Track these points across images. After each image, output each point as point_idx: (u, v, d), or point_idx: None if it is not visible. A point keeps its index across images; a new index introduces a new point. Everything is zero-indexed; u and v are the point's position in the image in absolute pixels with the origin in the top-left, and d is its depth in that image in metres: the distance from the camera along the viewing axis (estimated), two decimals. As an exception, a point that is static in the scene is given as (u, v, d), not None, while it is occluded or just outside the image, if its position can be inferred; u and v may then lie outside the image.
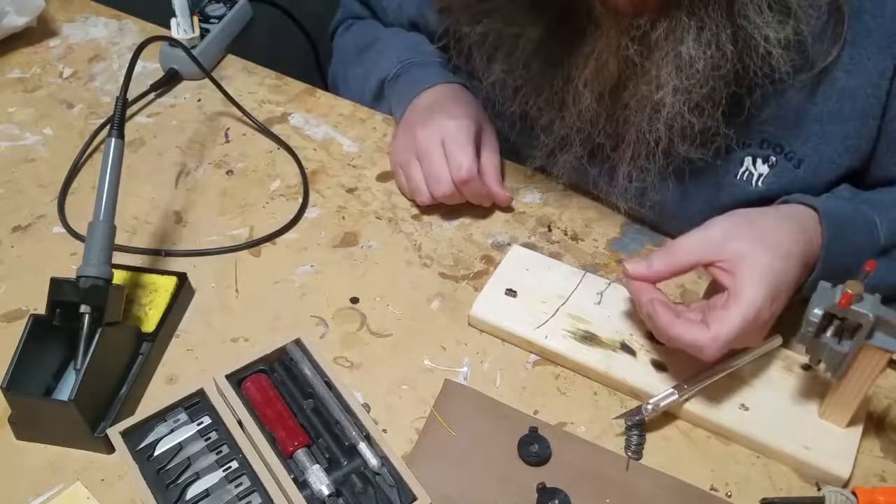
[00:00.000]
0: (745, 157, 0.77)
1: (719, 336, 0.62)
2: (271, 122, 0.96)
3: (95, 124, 0.94)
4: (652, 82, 0.70)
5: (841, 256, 0.68)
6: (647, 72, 0.70)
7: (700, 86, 0.69)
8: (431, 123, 0.82)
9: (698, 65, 0.68)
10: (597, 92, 0.74)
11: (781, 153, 0.75)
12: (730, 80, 0.69)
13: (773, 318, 0.65)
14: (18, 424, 0.67)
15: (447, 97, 0.86)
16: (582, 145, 0.79)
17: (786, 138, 0.75)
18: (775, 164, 0.76)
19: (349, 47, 1.03)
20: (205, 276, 0.79)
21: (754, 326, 0.63)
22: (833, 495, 0.60)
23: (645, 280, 0.67)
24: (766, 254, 0.64)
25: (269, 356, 0.69)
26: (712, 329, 0.62)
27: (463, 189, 0.81)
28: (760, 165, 0.76)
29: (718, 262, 0.65)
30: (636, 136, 0.74)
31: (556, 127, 0.79)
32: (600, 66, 0.72)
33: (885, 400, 0.70)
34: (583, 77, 0.73)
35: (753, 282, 0.63)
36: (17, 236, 0.83)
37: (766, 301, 0.63)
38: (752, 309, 0.62)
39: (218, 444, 0.64)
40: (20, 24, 1.04)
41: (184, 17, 0.98)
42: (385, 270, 0.80)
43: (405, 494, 0.61)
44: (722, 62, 0.68)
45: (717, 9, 0.66)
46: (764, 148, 0.76)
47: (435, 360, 0.73)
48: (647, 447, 0.67)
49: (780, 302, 0.65)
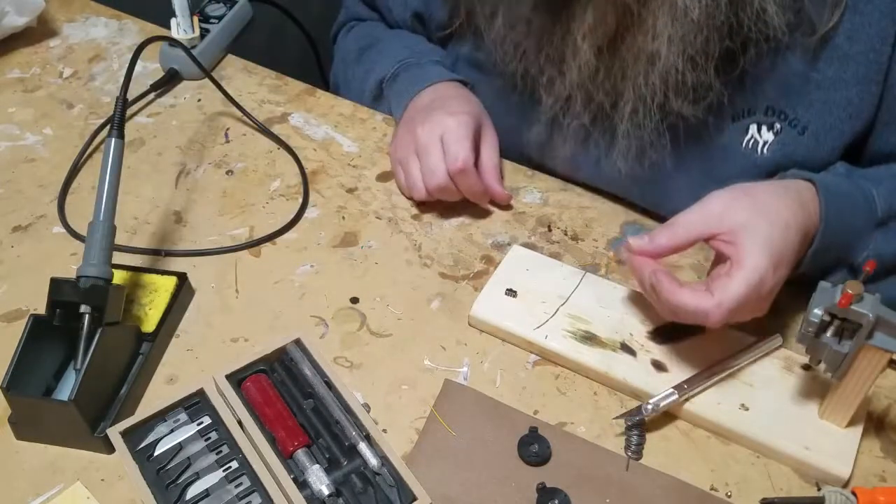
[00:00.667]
0: (749, 124, 0.77)
1: (724, 301, 0.62)
2: (271, 122, 0.96)
3: (95, 124, 0.94)
4: (648, 32, 0.71)
5: (839, 229, 0.69)
6: (644, 21, 0.71)
7: (694, 36, 0.69)
8: (431, 120, 0.82)
9: (693, 14, 0.68)
10: (595, 45, 0.74)
11: (786, 120, 0.76)
12: (724, 33, 0.70)
13: (775, 289, 0.65)
14: (18, 424, 0.67)
15: (447, 95, 0.87)
16: (583, 105, 0.79)
17: (790, 105, 0.75)
18: (780, 131, 0.76)
19: (350, 49, 1.03)
20: (205, 276, 0.79)
21: (757, 294, 0.63)
22: (833, 495, 0.60)
23: (647, 255, 0.68)
24: (766, 223, 0.65)
25: (269, 356, 0.69)
26: (716, 295, 0.62)
27: (458, 181, 0.81)
28: (766, 133, 0.77)
29: (719, 234, 0.65)
30: (633, 91, 0.75)
31: (556, 86, 0.79)
32: (599, 17, 0.73)
33: (885, 400, 0.70)
34: (581, 29, 0.74)
35: (755, 249, 0.63)
36: (17, 236, 0.83)
37: (768, 268, 0.63)
38: (756, 274, 0.63)
39: (218, 444, 0.64)
40: (20, 24, 1.04)
41: (184, 17, 0.98)
42: (385, 270, 0.80)
43: (405, 494, 0.61)
44: (716, 12, 0.68)
45: None
46: (769, 115, 0.76)
47: (435, 360, 0.73)
48: (647, 447, 0.67)
49: (781, 271, 0.65)
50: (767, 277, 0.63)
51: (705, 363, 0.69)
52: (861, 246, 0.71)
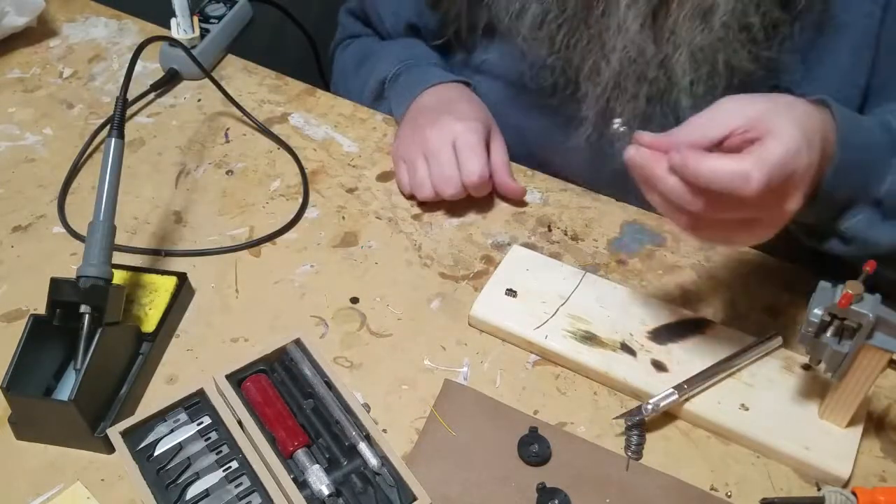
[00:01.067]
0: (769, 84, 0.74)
1: (765, 158, 0.54)
2: (271, 122, 0.96)
3: (95, 124, 0.94)
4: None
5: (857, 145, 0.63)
6: None
7: None
8: (441, 125, 0.82)
9: None
10: (640, 16, 0.70)
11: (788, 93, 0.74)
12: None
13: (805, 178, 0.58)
14: (18, 424, 0.67)
15: (452, 97, 0.87)
16: (636, 85, 0.74)
17: (794, 82, 0.74)
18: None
19: (347, 62, 1.04)
20: (205, 276, 0.79)
21: (796, 163, 0.56)
22: (833, 495, 0.60)
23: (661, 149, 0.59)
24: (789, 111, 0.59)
25: (269, 356, 0.69)
26: (754, 153, 0.55)
27: (472, 191, 0.83)
28: None
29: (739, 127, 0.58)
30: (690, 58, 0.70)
31: (602, 72, 0.75)
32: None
33: (885, 400, 0.70)
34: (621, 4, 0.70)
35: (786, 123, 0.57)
36: (17, 236, 0.83)
37: (802, 140, 0.56)
38: (793, 141, 0.56)
39: (218, 444, 0.64)
40: (20, 24, 1.04)
41: (184, 17, 0.98)
42: (385, 270, 0.80)
43: (405, 494, 0.61)
44: None
45: None
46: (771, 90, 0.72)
47: (435, 360, 0.73)
48: (647, 447, 0.67)
49: (813, 154, 0.58)
50: (803, 148, 0.56)
51: (705, 363, 0.69)
52: (884, 171, 0.65)
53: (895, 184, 0.65)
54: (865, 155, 0.64)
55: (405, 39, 0.97)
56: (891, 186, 0.65)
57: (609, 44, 0.73)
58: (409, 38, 0.99)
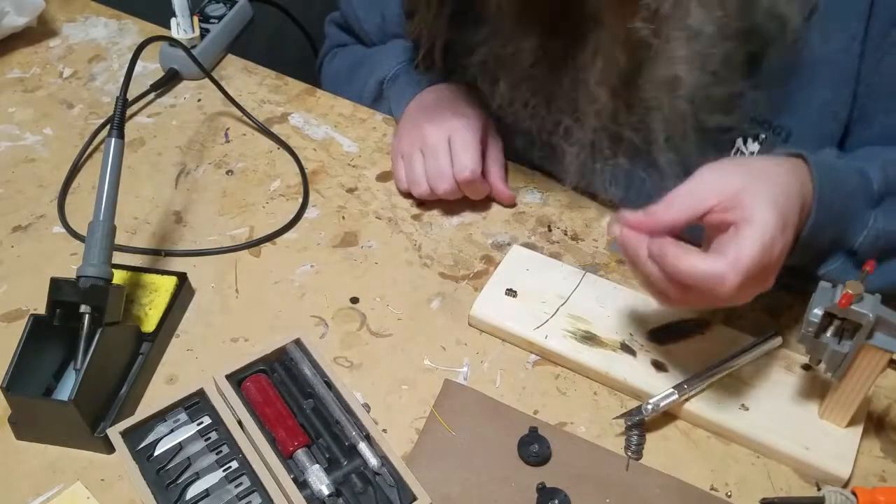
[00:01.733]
0: (736, 137, 0.76)
1: (739, 260, 0.56)
2: (271, 122, 0.96)
3: (95, 124, 0.94)
4: (666, 59, 0.69)
5: (835, 199, 0.65)
6: (660, 50, 0.69)
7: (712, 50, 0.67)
8: (439, 120, 0.82)
9: (707, 30, 0.66)
10: (610, 87, 0.73)
11: (770, 129, 0.75)
12: (742, 38, 0.67)
13: (782, 256, 0.60)
14: (18, 424, 0.67)
15: (452, 95, 0.87)
16: (611, 147, 0.77)
17: (774, 114, 0.74)
18: (765, 140, 0.75)
19: (339, 69, 1.04)
20: (205, 276, 0.79)
21: (770, 255, 0.58)
22: (833, 495, 0.60)
23: (644, 229, 0.62)
24: (765, 185, 0.60)
25: (269, 356, 0.69)
26: (730, 254, 0.57)
27: (465, 188, 0.82)
28: (751, 144, 0.75)
29: (717, 204, 0.60)
30: (662, 120, 0.72)
31: (576, 133, 0.78)
32: (609, 60, 0.71)
33: (885, 400, 0.70)
34: (594, 76, 0.72)
35: (760, 205, 0.58)
36: (17, 236, 0.83)
37: (778, 224, 0.58)
38: (768, 230, 0.58)
39: (218, 444, 0.64)
40: (20, 24, 1.04)
41: (184, 17, 0.98)
42: (385, 270, 0.80)
43: (405, 494, 0.61)
44: (729, 21, 0.66)
45: None
46: (753, 126, 0.75)
47: (435, 360, 0.73)
48: (647, 447, 0.67)
49: (788, 234, 0.60)
50: (777, 237, 0.58)
51: (705, 363, 0.69)
52: (859, 224, 0.67)
53: (869, 237, 0.67)
54: (842, 208, 0.66)
55: (404, 42, 0.97)
56: (864, 239, 0.67)
57: (581, 110, 0.76)
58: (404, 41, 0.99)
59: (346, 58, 1.03)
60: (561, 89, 0.76)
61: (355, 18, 0.99)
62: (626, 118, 0.75)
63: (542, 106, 0.79)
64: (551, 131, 0.81)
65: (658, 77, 0.70)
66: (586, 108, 0.75)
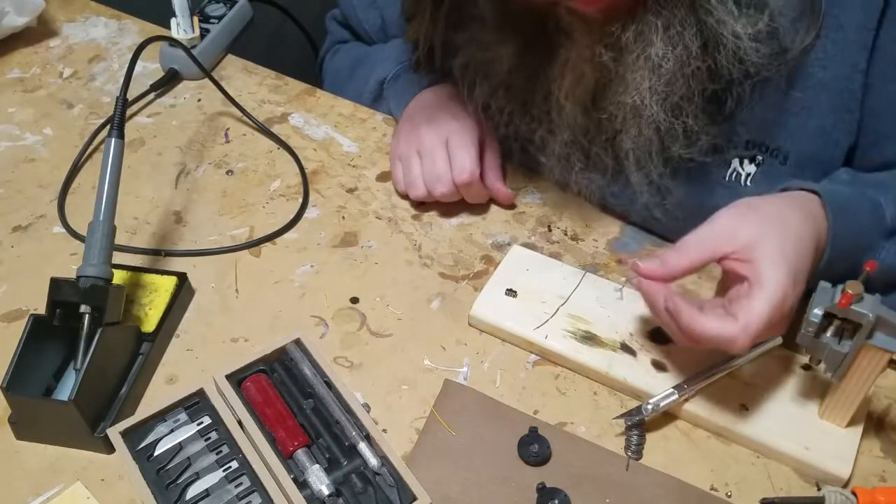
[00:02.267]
0: (732, 158, 0.77)
1: (749, 325, 0.59)
2: (271, 122, 0.96)
3: (95, 124, 0.94)
4: (629, 86, 0.70)
5: (849, 237, 0.67)
6: (622, 77, 0.71)
7: (672, 85, 0.69)
8: (436, 122, 0.82)
9: (667, 64, 0.68)
10: (579, 103, 0.74)
11: (767, 151, 0.75)
12: (702, 77, 0.69)
13: (796, 304, 0.63)
14: (18, 424, 0.67)
15: (451, 96, 0.87)
16: (582, 160, 0.79)
17: (770, 136, 0.75)
18: (762, 162, 0.76)
19: (340, 68, 1.04)
20: (205, 276, 0.79)
21: (781, 312, 0.61)
22: (833, 495, 0.60)
23: (658, 278, 0.65)
24: (778, 236, 0.62)
25: (269, 356, 0.69)
26: (741, 319, 0.60)
27: (463, 191, 0.83)
28: (748, 165, 0.76)
29: (731, 253, 0.63)
30: (631, 142, 0.74)
31: (549, 144, 0.79)
32: (577, 77, 0.73)
33: (885, 400, 0.70)
34: (563, 90, 0.74)
35: (773, 265, 0.61)
36: (17, 236, 0.83)
37: (788, 283, 0.61)
38: (778, 292, 0.60)
39: (218, 444, 0.64)
40: (20, 24, 1.04)
41: (184, 17, 0.98)
42: (385, 270, 0.80)
43: (405, 494, 0.61)
44: (690, 60, 0.68)
45: (680, 6, 0.67)
46: (749, 148, 0.76)
47: (435, 360, 0.73)
48: (647, 447, 0.67)
49: (800, 285, 0.63)
50: (788, 294, 0.61)
51: (705, 363, 0.69)
52: (871, 256, 0.69)
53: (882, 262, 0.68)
54: (854, 244, 0.68)
55: (404, 42, 0.98)
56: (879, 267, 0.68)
57: (556, 122, 0.77)
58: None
59: (347, 56, 1.03)
60: (535, 100, 0.78)
61: (355, 19, 0.99)
62: (596, 136, 0.77)
63: (517, 114, 0.80)
64: (527, 140, 0.82)
65: (622, 102, 0.72)
66: (557, 121, 0.77)
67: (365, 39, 1.01)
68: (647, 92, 0.70)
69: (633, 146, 0.75)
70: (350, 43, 1.04)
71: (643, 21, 0.68)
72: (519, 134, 0.82)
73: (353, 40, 1.04)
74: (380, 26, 0.97)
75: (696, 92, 0.70)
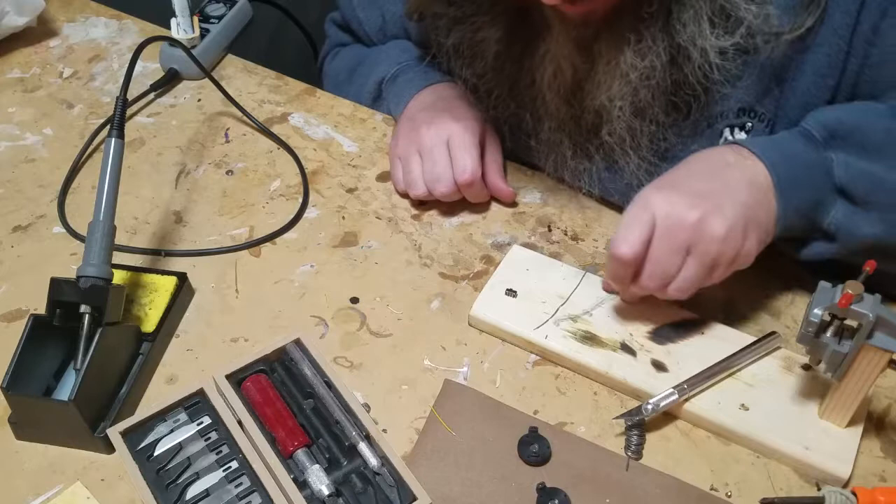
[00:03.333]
0: (723, 128, 0.78)
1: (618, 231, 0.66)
2: (271, 122, 0.96)
3: (95, 124, 0.94)
4: (600, 87, 0.74)
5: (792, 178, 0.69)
6: (594, 77, 0.74)
7: (637, 94, 0.72)
8: (437, 123, 0.82)
9: (634, 74, 0.71)
10: (560, 94, 0.77)
11: (755, 117, 0.76)
12: (666, 89, 0.73)
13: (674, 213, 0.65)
14: (18, 424, 0.67)
15: (451, 96, 0.87)
16: (572, 148, 0.81)
17: (759, 102, 0.76)
18: (751, 129, 0.77)
19: (339, 70, 1.04)
20: (205, 276, 0.79)
21: (648, 216, 0.65)
22: (833, 495, 0.60)
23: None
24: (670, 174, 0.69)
25: (269, 356, 0.69)
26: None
27: (464, 191, 0.83)
28: (738, 133, 0.77)
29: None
30: (608, 135, 0.77)
31: (538, 129, 0.81)
32: (556, 70, 0.75)
33: (885, 400, 0.70)
34: (544, 79, 0.76)
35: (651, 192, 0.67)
36: (17, 236, 0.83)
37: (650, 191, 0.67)
38: (638, 199, 0.66)
39: (218, 444, 0.64)
40: (20, 24, 1.04)
41: (184, 17, 0.98)
42: (385, 270, 0.80)
43: (405, 494, 0.61)
44: (652, 74, 0.71)
45: (655, 23, 0.69)
46: (740, 116, 0.76)
47: (435, 360, 0.73)
48: (647, 447, 0.67)
49: (666, 192, 0.67)
50: (651, 197, 0.66)
51: (705, 363, 0.69)
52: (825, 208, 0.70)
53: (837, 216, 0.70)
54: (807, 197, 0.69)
55: (403, 41, 0.98)
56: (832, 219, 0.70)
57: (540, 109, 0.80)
58: (407, 42, 0.99)
59: (346, 58, 1.03)
60: (520, 86, 0.80)
61: (355, 20, 0.99)
62: (580, 126, 0.79)
63: (505, 98, 0.82)
64: (516, 125, 0.84)
65: (594, 99, 0.75)
66: (542, 109, 0.79)
67: (365, 41, 1.01)
68: (616, 95, 0.73)
69: (610, 139, 0.77)
70: (349, 46, 1.04)
71: (617, 32, 0.70)
72: (509, 119, 0.84)
73: (352, 43, 1.04)
74: (380, 26, 0.97)
75: (659, 102, 0.74)
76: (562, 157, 0.82)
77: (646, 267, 0.67)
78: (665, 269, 0.66)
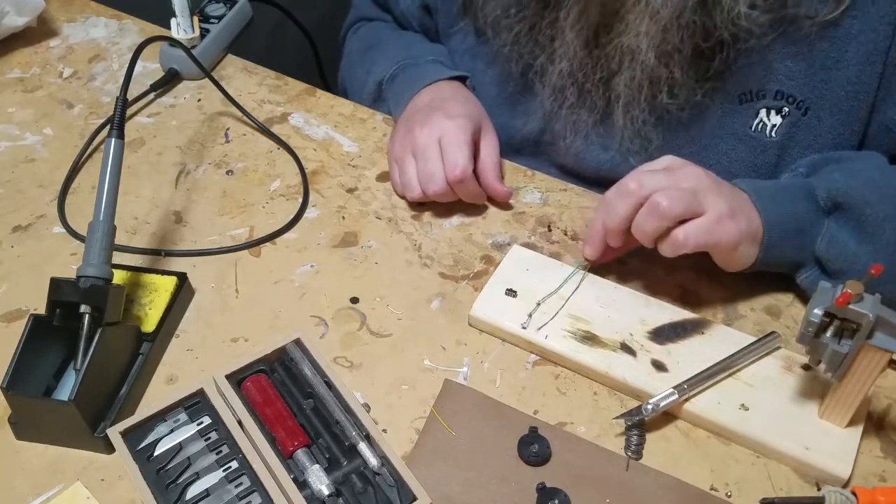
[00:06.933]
0: (759, 108, 0.78)
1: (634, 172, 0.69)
2: (271, 122, 0.96)
3: (95, 124, 0.94)
4: (628, 27, 0.74)
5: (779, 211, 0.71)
6: (623, 17, 0.74)
7: (666, 33, 0.72)
8: (430, 122, 0.82)
9: (665, 11, 0.71)
10: (582, 36, 0.78)
11: (794, 103, 0.77)
12: (694, 31, 0.73)
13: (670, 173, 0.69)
14: (18, 424, 0.67)
15: (446, 95, 0.87)
16: (577, 97, 0.82)
17: (797, 87, 0.77)
18: (788, 114, 0.78)
19: (355, 49, 1.05)
20: (205, 276, 0.79)
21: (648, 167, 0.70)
22: (833, 495, 0.60)
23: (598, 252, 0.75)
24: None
25: (269, 356, 0.69)
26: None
27: (456, 188, 0.82)
28: (774, 116, 0.78)
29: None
30: (623, 85, 0.78)
31: (548, 72, 0.82)
32: (583, 8, 0.76)
33: (885, 400, 0.70)
34: (569, 18, 0.77)
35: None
36: (17, 236, 0.83)
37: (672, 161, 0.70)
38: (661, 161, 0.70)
39: (218, 444, 0.64)
40: (20, 24, 1.04)
41: (184, 17, 0.98)
42: (385, 270, 0.80)
43: (405, 494, 0.61)
44: (684, 12, 0.71)
45: None
46: (778, 99, 0.77)
47: (435, 360, 0.73)
48: (647, 447, 0.67)
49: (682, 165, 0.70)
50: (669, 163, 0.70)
51: (705, 363, 0.69)
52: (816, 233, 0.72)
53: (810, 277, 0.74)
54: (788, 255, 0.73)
55: (406, 35, 0.98)
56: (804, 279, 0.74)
57: (557, 51, 0.81)
58: (409, 34, 0.99)
59: (364, 37, 1.05)
60: (541, 24, 0.81)
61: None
62: (592, 73, 0.80)
63: (524, 35, 0.83)
64: (528, 65, 0.85)
65: (619, 42, 0.75)
66: (559, 50, 0.80)
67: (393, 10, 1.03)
68: (643, 36, 0.73)
69: (625, 89, 0.78)
70: (372, 23, 1.05)
71: None
72: (521, 57, 0.84)
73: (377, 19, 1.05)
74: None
75: (688, 45, 0.73)
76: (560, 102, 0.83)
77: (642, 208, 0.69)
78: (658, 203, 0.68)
